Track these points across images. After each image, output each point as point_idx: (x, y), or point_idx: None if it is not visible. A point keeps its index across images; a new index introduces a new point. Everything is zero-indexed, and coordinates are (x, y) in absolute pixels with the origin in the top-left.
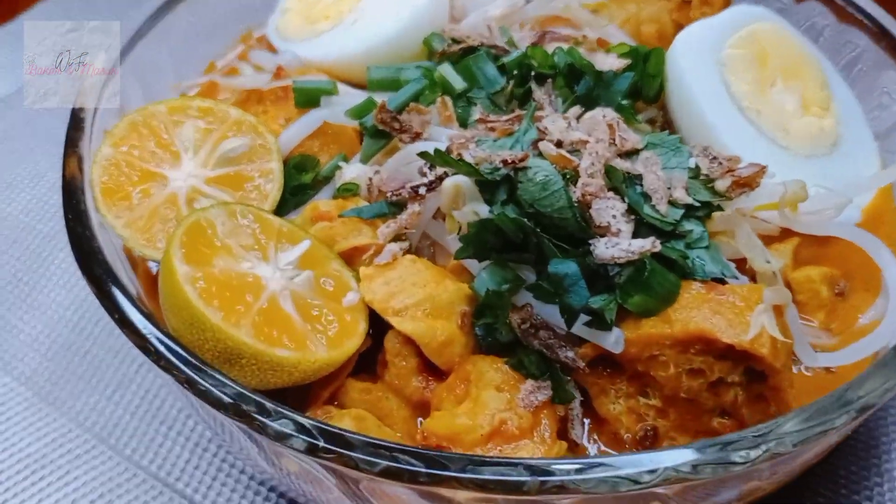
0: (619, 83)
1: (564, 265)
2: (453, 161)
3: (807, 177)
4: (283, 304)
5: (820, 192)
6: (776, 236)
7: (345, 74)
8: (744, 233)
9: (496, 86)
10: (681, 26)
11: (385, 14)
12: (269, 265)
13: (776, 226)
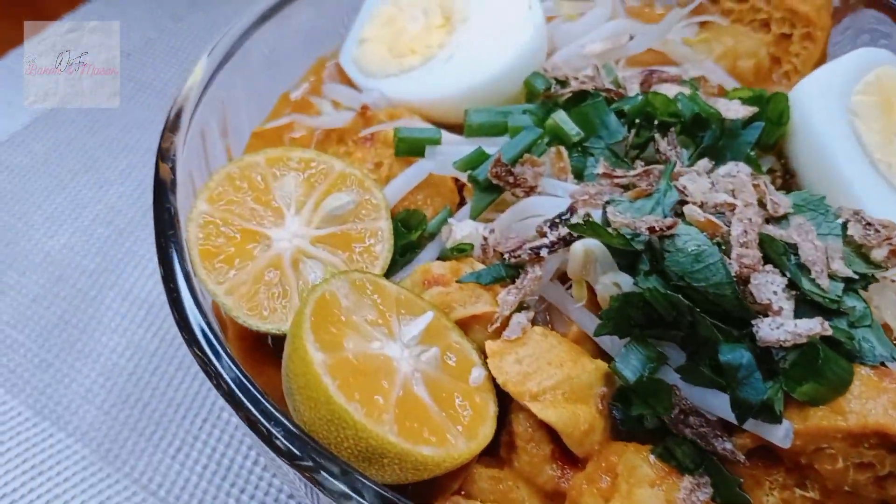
0: (748, 134)
1: (737, 353)
2: (604, 232)
3: None
4: (416, 390)
5: None
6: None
7: (435, 115)
8: (889, 304)
9: (617, 136)
10: (778, 61)
11: (485, 51)
12: (396, 342)
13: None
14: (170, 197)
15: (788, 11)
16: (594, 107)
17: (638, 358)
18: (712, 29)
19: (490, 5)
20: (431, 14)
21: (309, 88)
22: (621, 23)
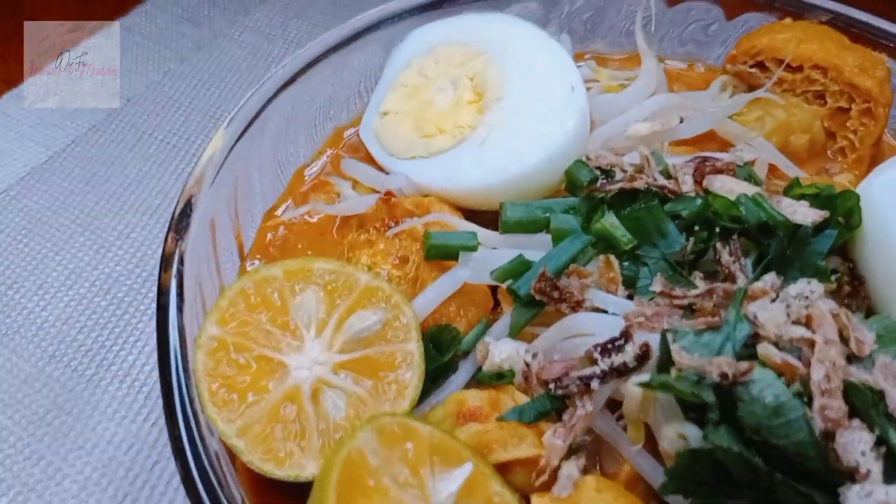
0: (820, 243)
1: None
2: (676, 388)
3: None
4: None
5: None
6: None
7: (467, 205)
8: None
9: (675, 247)
10: (833, 136)
11: (523, 137)
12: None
13: None
14: (174, 316)
15: (848, 85)
16: (649, 211)
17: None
18: (762, 101)
19: (528, 84)
20: (461, 87)
21: (327, 164)
22: (668, 98)
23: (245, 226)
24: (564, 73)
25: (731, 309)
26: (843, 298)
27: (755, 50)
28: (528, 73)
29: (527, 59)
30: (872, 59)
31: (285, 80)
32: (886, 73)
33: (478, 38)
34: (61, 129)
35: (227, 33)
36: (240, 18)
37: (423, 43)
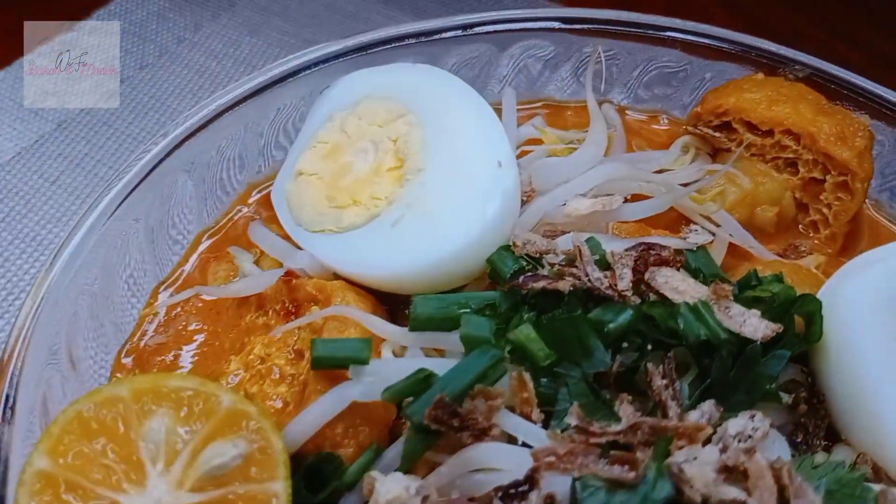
0: (770, 366)
1: None
2: None
3: None
4: None
5: None
6: None
7: (380, 289)
8: None
9: (599, 366)
10: (805, 208)
11: (442, 220)
12: None
13: None
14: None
15: (823, 155)
16: (571, 322)
17: None
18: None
19: (452, 155)
20: (383, 150)
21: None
22: (617, 168)
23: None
24: (492, 145)
25: (651, 462)
26: (798, 417)
27: (721, 109)
28: (453, 142)
29: (453, 125)
30: (852, 126)
31: (186, 134)
32: (867, 142)
33: (406, 93)
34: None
35: (174, 51)
36: (188, 35)
37: (350, 93)
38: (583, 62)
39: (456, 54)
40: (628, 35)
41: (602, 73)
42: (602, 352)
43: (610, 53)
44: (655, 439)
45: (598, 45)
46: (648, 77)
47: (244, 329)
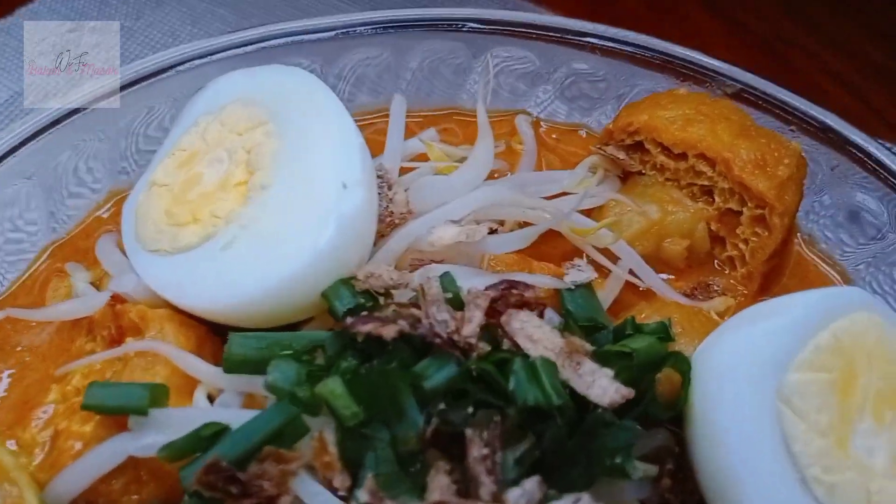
0: (616, 436)
1: None
2: None
3: None
4: None
5: None
6: None
7: (211, 319)
8: None
9: (411, 430)
10: (722, 242)
11: (275, 246)
12: None
13: None
14: None
15: (738, 185)
16: (384, 377)
17: None
18: (636, 189)
19: (299, 173)
20: (235, 162)
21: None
22: (497, 191)
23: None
24: (339, 164)
25: None
26: (662, 492)
27: (632, 127)
28: (303, 158)
29: (307, 139)
30: (777, 152)
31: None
32: (793, 171)
33: (273, 99)
34: None
35: None
36: (129, 23)
37: (219, 96)
38: (496, 66)
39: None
40: (543, 38)
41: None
42: (416, 414)
43: (523, 60)
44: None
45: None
46: (568, 87)
47: (74, 355)
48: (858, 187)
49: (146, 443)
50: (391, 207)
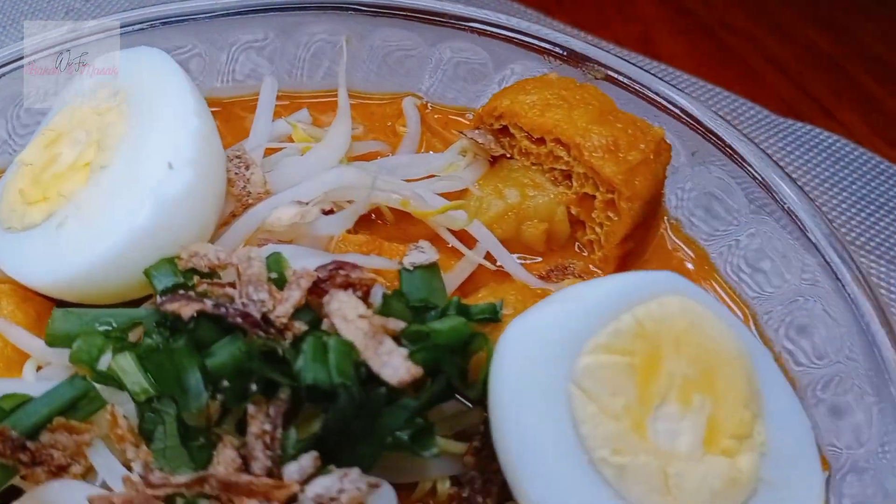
0: (393, 416)
1: None
2: None
3: None
4: None
5: None
6: None
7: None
8: None
9: (195, 404)
10: (583, 225)
11: (100, 224)
12: None
13: None
14: None
15: (589, 170)
16: (172, 355)
17: None
18: (501, 174)
19: (134, 153)
20: (89, 142)
21: None
22: (347, 172)
23: None
24: (169, 146)
25: None
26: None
27: (497, 112)
28: (141, 139)
29: (149, 121)
30: (634, 137)
31: None
32: (647, 155)
33: (130, 81)
34: None
35: None
36: None
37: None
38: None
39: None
40: (427, 21)
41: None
42: (199, 389)
43: (408, 44)
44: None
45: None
46: (451, 73)
47: None
48: (719, 172)
49: None
50: (248, 188)
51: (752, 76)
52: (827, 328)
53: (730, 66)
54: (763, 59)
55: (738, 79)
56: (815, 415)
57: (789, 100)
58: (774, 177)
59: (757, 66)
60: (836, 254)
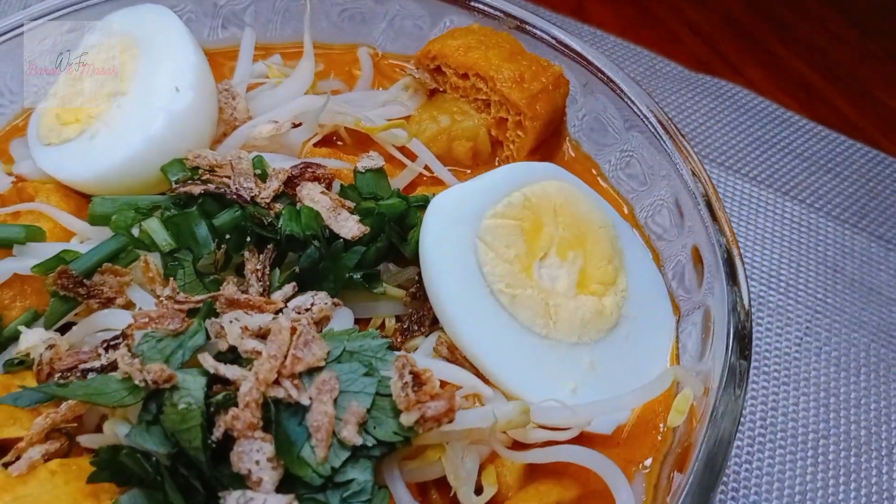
0: (349, 257)
1: None
2: (63, 391)
3: (569, 370)
4: None
5: (552, 408)
6: None
7: (85, 191)
8: (453, 457)
9: (204, 251)
10: (501, 144)
11: (123, 134)
12: None
13: None
14: None
15: (502, 96)
16: (185, 217)
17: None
18: (437, 104)
19: (146, 82)
20: (109, 77)
21: None
22: (312, 100)
23: None
24: (176, 74)
25: (197, 320)
26: (409, 307)
27: (431, 54)
28: (151, 72)
29: (156, 57)
30: (535, 71)
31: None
32: (547, 86)
33: (141, 30)
34: None
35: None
36: None
37: (105, 29)
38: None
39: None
40: None
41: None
42: (208, 240)
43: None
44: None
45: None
46: (398, 26)
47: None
48: (601, 99)
49: (25, 264)
50: (235, 114)
51: (671, 38)
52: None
53: (652, 29)
54: (681, 24)
55: (657, 40)
56: (668, 276)
57: (703, 59)
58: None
59: (676, 29)
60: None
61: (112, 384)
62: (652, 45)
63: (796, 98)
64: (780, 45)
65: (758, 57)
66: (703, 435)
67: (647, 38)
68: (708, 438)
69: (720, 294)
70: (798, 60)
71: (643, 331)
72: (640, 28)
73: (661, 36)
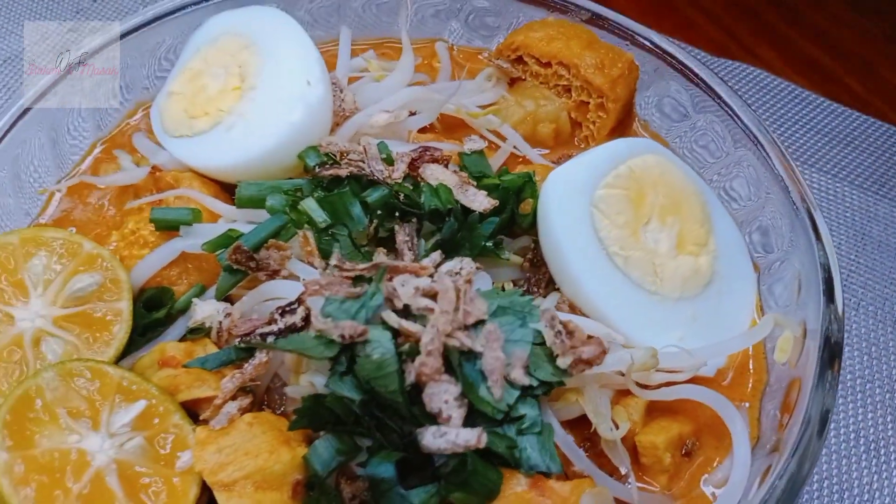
0: (485, 227)
1: (382, 467)
2: (300, 344)
3: (675, 321)
4: (108, 481)
5: (673, 353)
6: None
7: (220, 178)
8: (591, 398)
9: (359, 226)
10: (580, 126)
11: (260, 125)
12: (99, 434)
13: None
14: None
15: (585, 82)
16: (340, 196)
17: (328, 450)
18: (519, 90)
19: (275, 76)
20: (230, 74)
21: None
22: (416, 91)
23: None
24: (305, 69)
25: (374, 284)
26: (526, 273)
27: (514, 46)
28: (277, 66)
29: (280, 54)
30: (612, 58)
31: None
32: (623, 71)
33: (254, 30)
34: None
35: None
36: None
37: (213, 31)
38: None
39: None
40: None
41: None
42: (362, 216)
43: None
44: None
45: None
46: (472, 20)
47: (124, 212)
48: (672, 83)
49: (191, 242)
50: (343, 105)
51: (687, 23)
52: (751, 179)
53: (668, 17)
54: (696, 10)
55: (675, 27)
56: (747, 235)
57: (718, 42)
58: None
59: (691, 15)
60: (757, 129)
61: (308, 341)
62: (672, 32)
63: (810, 79)
64: (789, 28)
65: (770, 39)
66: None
67: (668, 26)
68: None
69: (806, 251)
70: (806, 42)
71: (732, 286)
72: (657, 15)
73: (680, 23)
